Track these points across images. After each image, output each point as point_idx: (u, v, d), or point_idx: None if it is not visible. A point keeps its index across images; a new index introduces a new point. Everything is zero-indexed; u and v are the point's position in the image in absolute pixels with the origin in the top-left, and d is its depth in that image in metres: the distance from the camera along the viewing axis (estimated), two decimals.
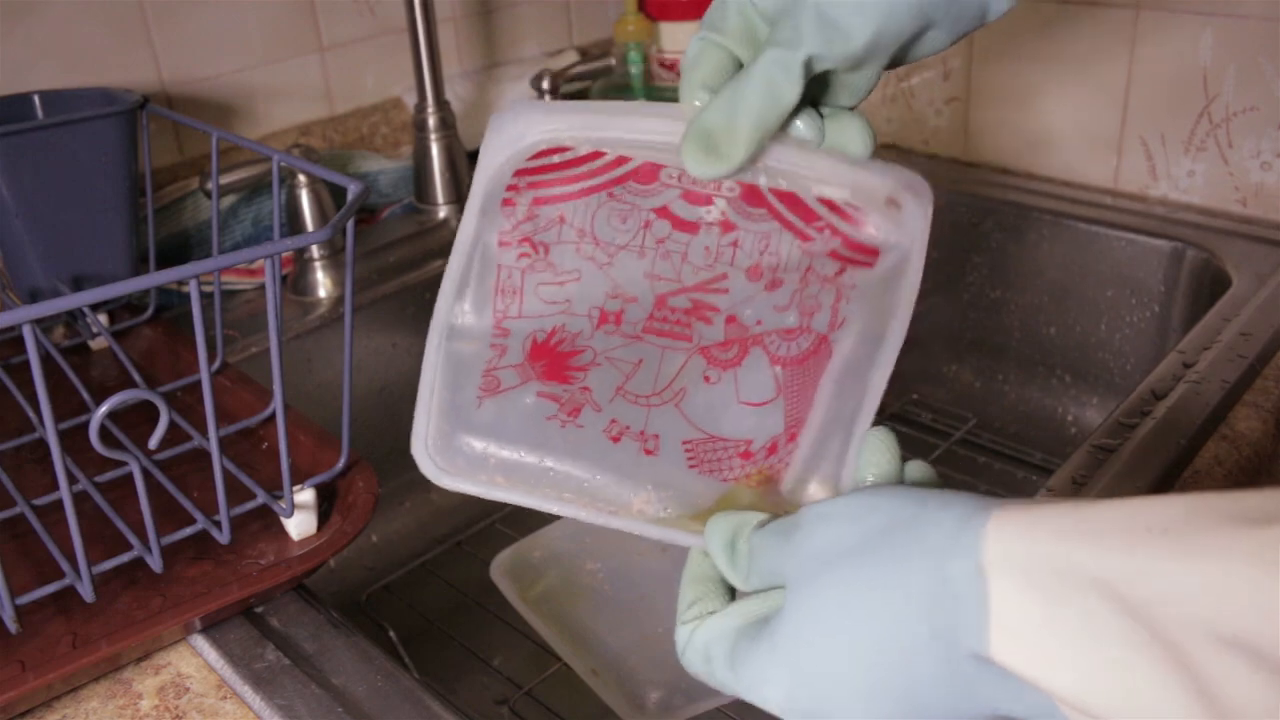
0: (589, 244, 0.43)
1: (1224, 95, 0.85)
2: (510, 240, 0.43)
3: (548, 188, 0.43)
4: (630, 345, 0.43)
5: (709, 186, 0.43)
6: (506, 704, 0.70)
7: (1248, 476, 0.58)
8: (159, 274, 0.43)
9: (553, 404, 0.42)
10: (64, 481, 0.44)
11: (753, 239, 0.43)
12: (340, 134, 0.94)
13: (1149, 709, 0.26)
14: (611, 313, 0.43)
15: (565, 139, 0.42)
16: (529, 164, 0.43)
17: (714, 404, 0.42)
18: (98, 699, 0.47)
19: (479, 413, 0.43)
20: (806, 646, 0.33)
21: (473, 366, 0.43)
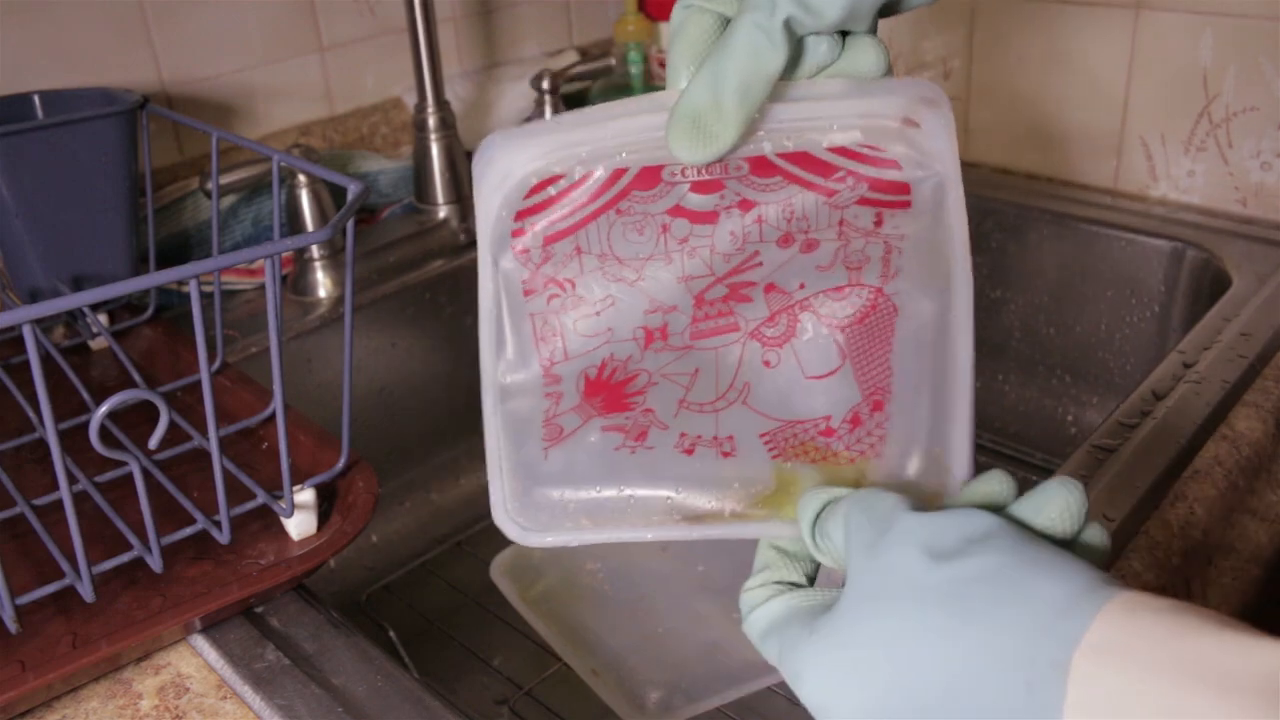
0: (613, 265, 0.42)
1: (1224, 95, 0.85)
2: (535, 286, 0.42)
3: (554, 222, 0.42)
4: (683, 356, 0.42)
5: (714, 171, 0.41)
6: (506, 704, 0.70)
7: (1247, 477, 0.58)
8: (159, 274, 0.43)
9: (619, 434, 0.42)
10: (64, 481, 0.44)
11: (776, 209, 0.41)
12: (340, 134, 0.94)
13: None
14: (655, 329, 0.42)
15: (555, 168, 0.41)
16: (526, 203, 0.41)
17: (781, 388, 0.41)
18: (98, 699, 0.47)
19: (548, 464, 0.42)
20: (850, 664, 0.31)
21: (532, 420, 0.42)
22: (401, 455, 0.87)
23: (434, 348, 0.88)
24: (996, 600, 0.29)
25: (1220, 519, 0.55)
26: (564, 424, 0.42)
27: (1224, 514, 0.56)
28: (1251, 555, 0.54)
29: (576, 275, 0.42)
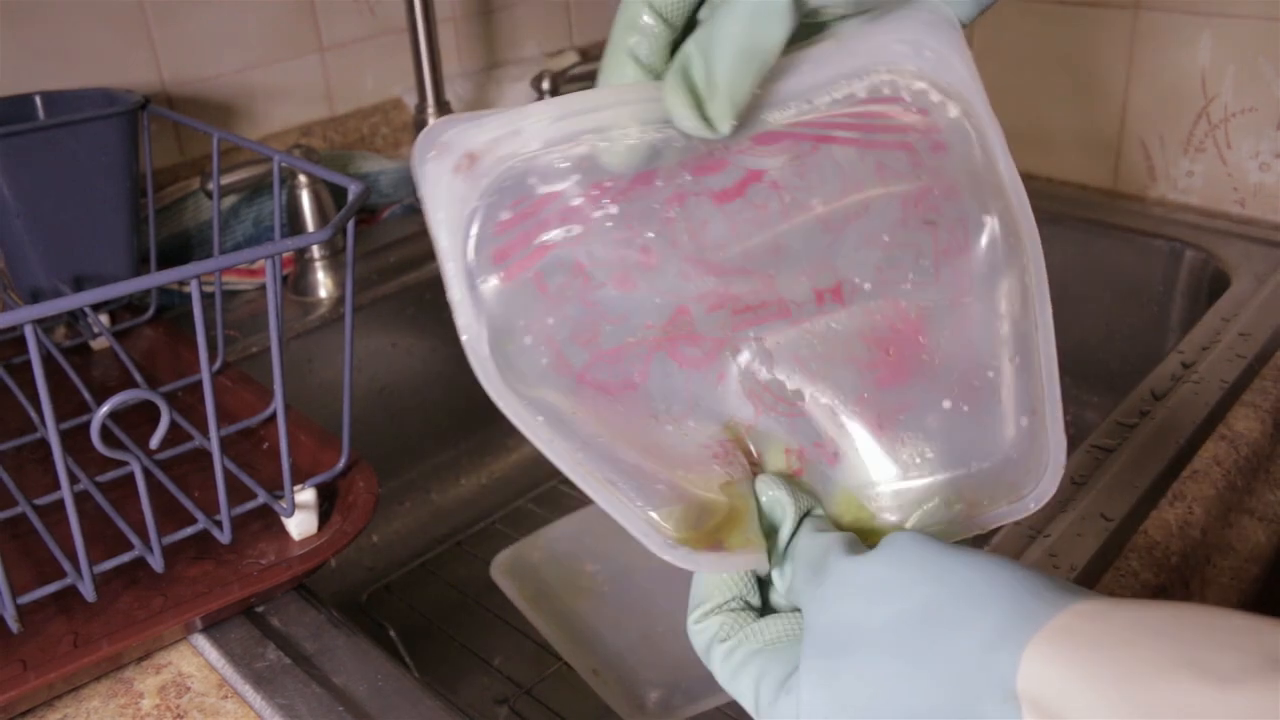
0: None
1: (1222, 96, 0.85)
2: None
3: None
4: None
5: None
6: (506, 704, 0.70)
7: (1246, 477, 0.59)
8: (160, 274, 0.43)
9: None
10: (65, 481, 0.44)
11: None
12: (340, 134, 0.95)
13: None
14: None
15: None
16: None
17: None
18: (99, 698, 0.47)
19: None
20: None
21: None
22: (401, 455, 0.87)
23: (434, 348, 0.88)
24: (934, 638, 0.29)
25: (1219, 519, 0.55)
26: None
27: (1222, 514, 0.56)
28: (1250, 555, 0.54)
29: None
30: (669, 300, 0.38)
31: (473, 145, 0.36)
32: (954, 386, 0.39)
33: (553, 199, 0.37)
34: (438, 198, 0.36)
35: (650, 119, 0.37)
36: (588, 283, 0.38)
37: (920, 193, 0.37)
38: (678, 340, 0.39)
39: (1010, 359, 0.38)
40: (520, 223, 0.37)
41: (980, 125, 0.37)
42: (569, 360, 0.38)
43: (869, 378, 0.39)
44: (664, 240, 0.38)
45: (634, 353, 0.38)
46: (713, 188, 0.37)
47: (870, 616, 0.30)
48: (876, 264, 0.38)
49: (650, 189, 0.37)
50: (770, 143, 0.36)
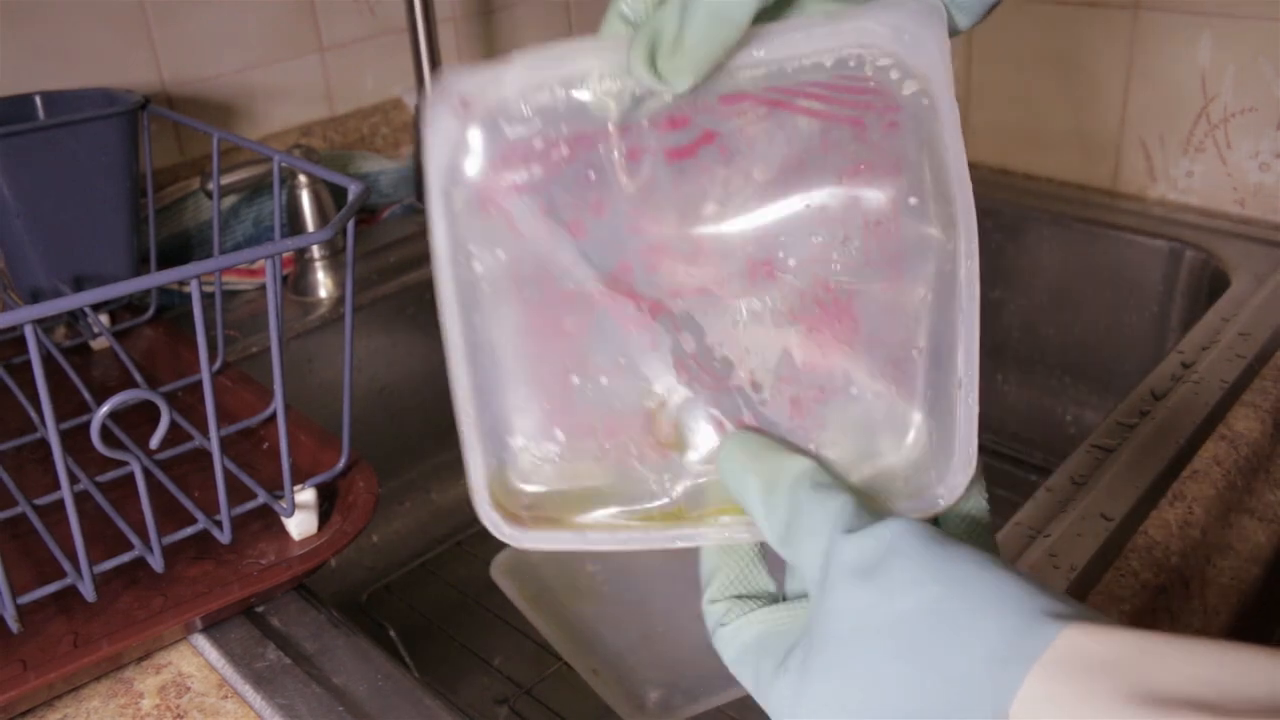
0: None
1: (1222, 96, 0.85)
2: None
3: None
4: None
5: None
6: (506, 704, 0.70)
7: (1246, 477, 0.59)
8: (160, 274, 0.43)
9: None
10: (65, 481, 0.44)
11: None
12: (340, 134, 0.95)
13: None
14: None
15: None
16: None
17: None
18: (99, 698, 0.47)
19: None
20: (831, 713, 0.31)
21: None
22: (401, 455, 0.87)
23: (434, 348, 0.88)
24: (940, 642, 0.29)
25: (1219, 519, 0.55)
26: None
27: (1222, 514, 0.56)
28: (1250, 555, 0.54)
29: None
30: (613, 253, 0.40)
31: (465, 90, 0.39)
32: (868, 374, 0.39)
33: (520, 144, 0.39)
34: (434, 138, 0.39)
35: (618, 71, 0.37)
36: (549, 226, 0.39)
37: (859, 169, 0.38)
38: (618, 297, 0.40)
39: (926, 348, 0.38)
40: (492, 164, 0.39)
41: (937, 106, 0.37)
42: (522, 292, 0.40)
43: (792, 359, 0.39)
44: (611, 190, 0.39)
45: (576, 303, 0.40)
46: (667, 144, 0.38)
47: (875, 611, 0.30)
48: (808, 241, 0.39)
49: (606, 136, 0.38)
50: (732, 103, 0.37)
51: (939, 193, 0.38)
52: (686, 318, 0.40)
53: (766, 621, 0.34)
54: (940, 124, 0.37)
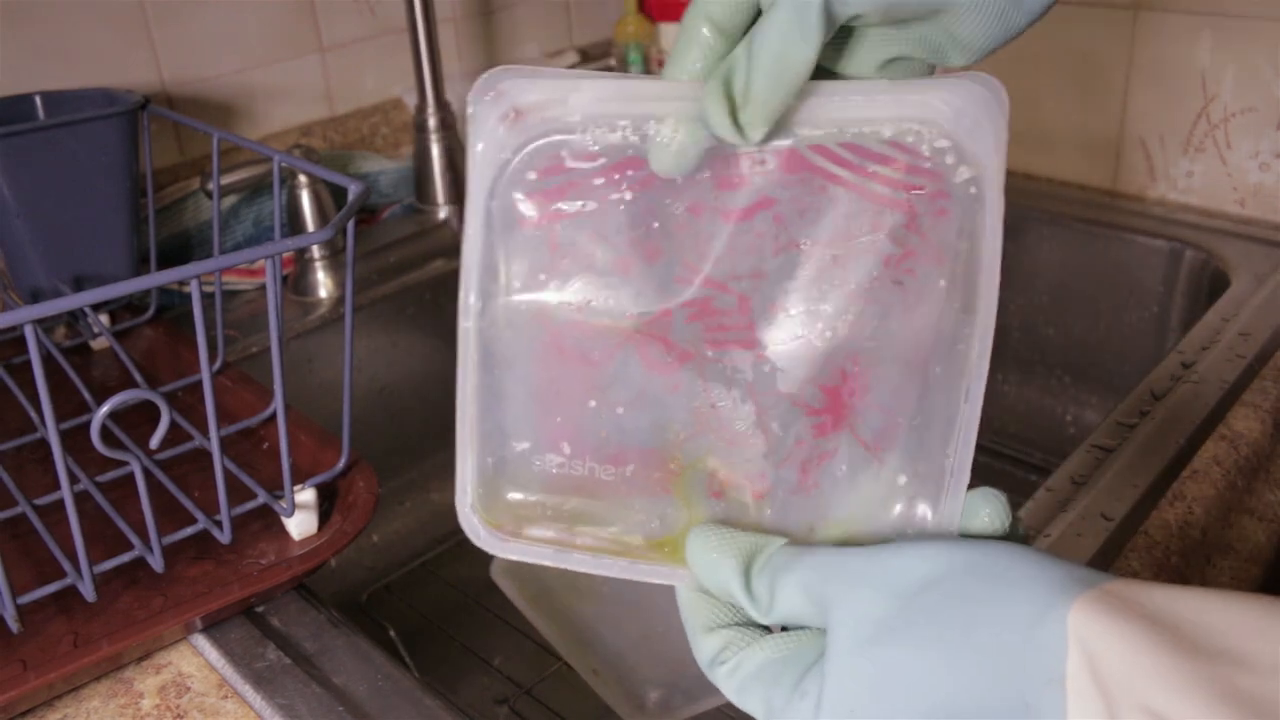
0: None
1: (1222, 96, 0.85)
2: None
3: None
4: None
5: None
6: (506, 704, 0.70)
7: (1246, 477, 0.59)
8: (160, 274, 0.43)
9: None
10: (65, 481, 0.44)
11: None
12: (340, 134, 0.95)
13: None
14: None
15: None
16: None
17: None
18: (99, 698, 0.47)
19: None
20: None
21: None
22: (401, 455, 0.87)
23: (434, 348, 0.88)
24: (974, 623, 0.29)
25: (1219, 519, 0.55)
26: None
27: (1222, 514, 0.56)
28: (1250, 555, 0.54)
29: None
30: (657, 297, 0.40)
31: (522, 101, 0.38)
32: (871, 440, 0.40)
33: (578, 173, 0.39)
34: (481, 137, 0.39)
35: (689, 117, 0.38)
36: (590, 256, 0.40)
37: (904, 256, 0.39)
38: (651, 339, 0.40)
39: (926, 426, 0.39)
40: (542, 184, 0.39)
41: (984, 197, 0.38)
42: (551, 312, 0.41)
43: (809, 424, 0.40)
44: (668, 238, 0.39)
45: (606, 336, 0.40)
46: (726, 205, 0.39)
47: (898, 609, 0.30)
48: (846, 313, 0.40)
49: (670, 186, 0.39)
50: (792, 171, 0.38)
51: (969, 278, 0.39)
52: (716, 370, 0.40)
53: (770, 650, 0.33)
54: (984, 216, 0.38)
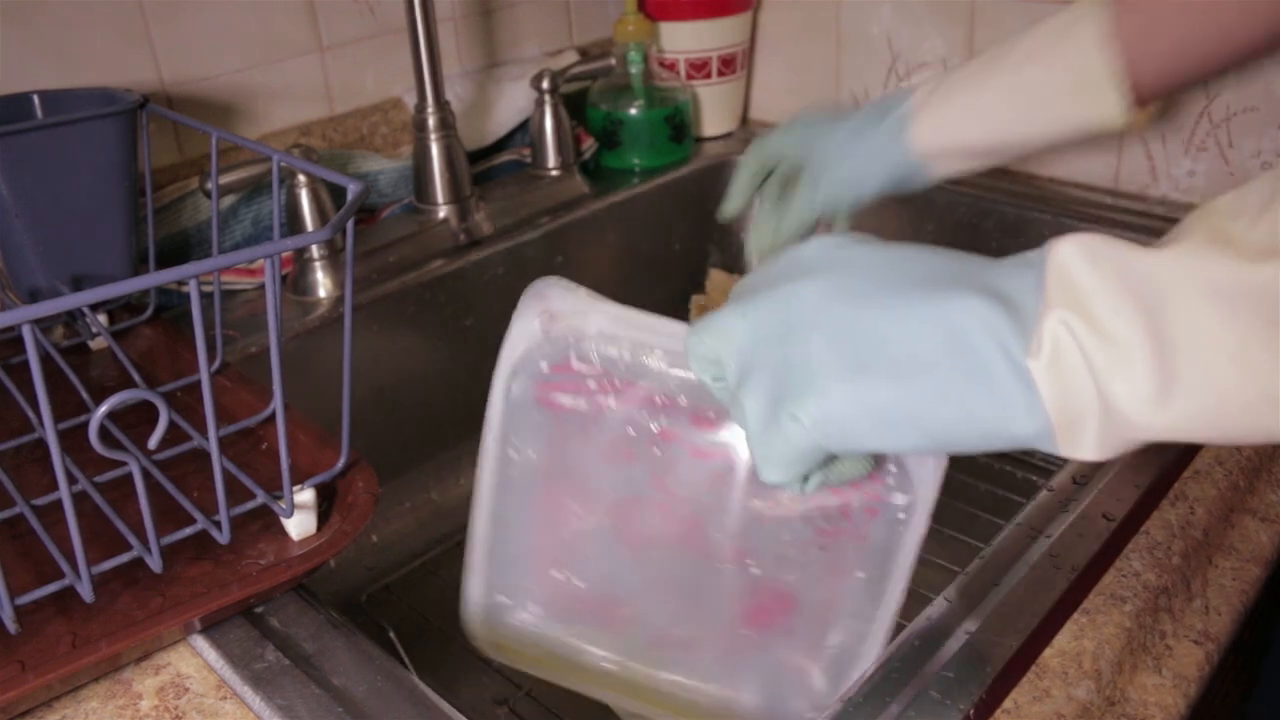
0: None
1: (1224, 95, 0.85)
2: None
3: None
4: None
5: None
6: (506, 704, 0.70)
7: (1247, 477, 0.59)
8: (159, 274, 0.43)
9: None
10: (63, 481, 0.44)
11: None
12: (340, 134, 0.94)
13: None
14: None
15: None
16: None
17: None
18: (97, 699, 0.47)
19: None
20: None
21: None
22: (401, 455, 0.87)
23: (434, 348, 0.88)
24: (924, 259, 0.42)
25: (1220, 519, 0.55)
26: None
27: (1224, 514, 0.56)
28: (1252, 555, 0.54)
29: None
30: (628, 489, 0.49)
31: (556, 308, 0.47)
32: (789, 641, 0.49)
33: (578, 375, 0.48)
34: (519, 327, 0.48)
35: (673, 351, 0.46)
36: (582, 442, 0.49)
37: (833, 532, 0.47)
38: (619, 522, 0.50)
39: (828, 664, 0.48)
40: (551, 376, 0.48)
41: (912, 523, 0.45)
42: (540, 484, 0.51)
43: (735, 618, 0.49)
44: (640, 447, 0.48)
45: (581, 510, 0.50)
46: (695, 440, 0.47)
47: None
48: (776, 556, 0.48)
49: (650, 406, 0.47)
50: None
51: (881, 567, 0.47)
52: (669, 558, 0.49)
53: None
54: (908, 535, 0.46)
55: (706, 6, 1.05)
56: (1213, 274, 0.33)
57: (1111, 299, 0.34)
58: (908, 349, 0.37)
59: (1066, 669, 0.45)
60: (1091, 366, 0.34)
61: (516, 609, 0.53)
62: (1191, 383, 0.33)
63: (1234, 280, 0.33)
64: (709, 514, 0.48)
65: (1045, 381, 0.35)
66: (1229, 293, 0.33)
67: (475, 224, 0.92)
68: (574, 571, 0.51)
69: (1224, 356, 0.33)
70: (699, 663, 0.51)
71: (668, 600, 0.50)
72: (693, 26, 1.06)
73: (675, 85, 1.05)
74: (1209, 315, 0.33)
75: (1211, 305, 0.33)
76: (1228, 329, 0.33)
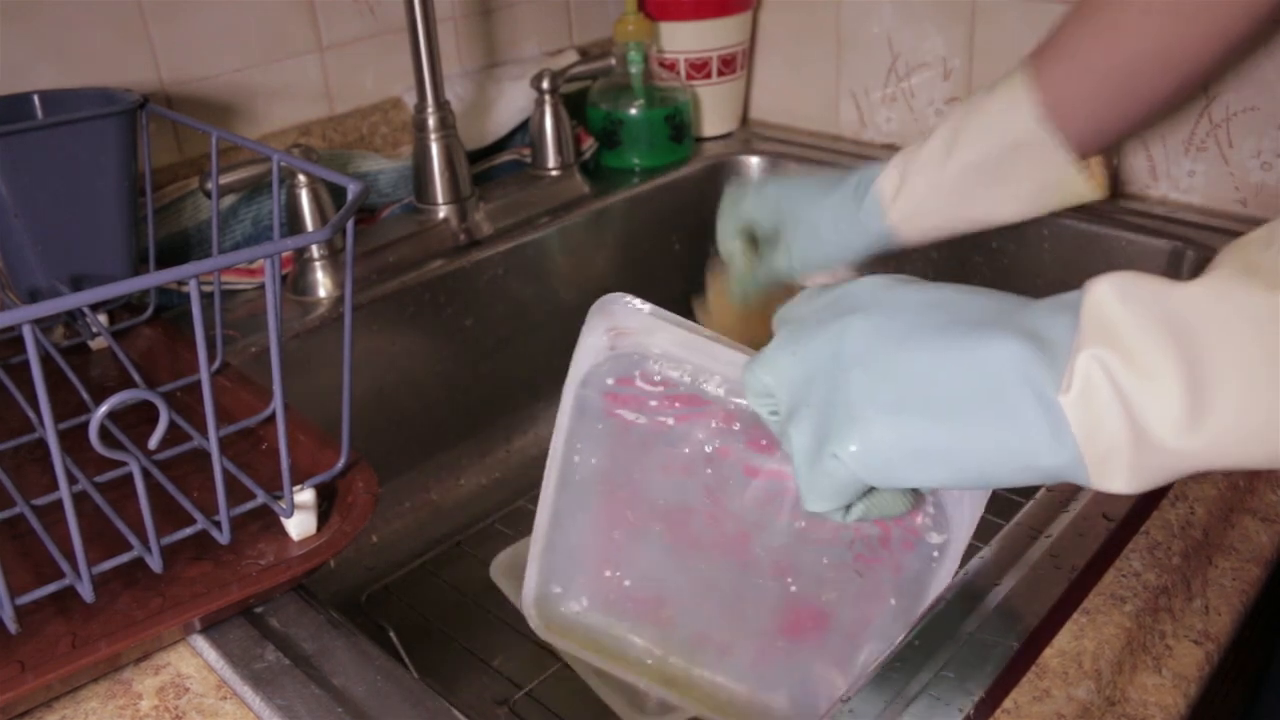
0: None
1: (1224, 95, 0.85)
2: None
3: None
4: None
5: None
6: (506, 704, 0.70)
7: (1247, 477, 0.59)
8: (159, 274, 0.43)
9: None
10: (64, 481, 0.44)
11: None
12: (340, 134, 0.94)
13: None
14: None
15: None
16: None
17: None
18: (97, 699, 0.47)
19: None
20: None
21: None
22: (401, 455, 0.87)
23: (434, 348, 0.88)
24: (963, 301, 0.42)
25: (1220, 519, 0.55)
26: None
27: (1224, 514, 0.56)
28: (1252, 555, 0.54)
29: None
30: (683, 499, 0.51)
31: (624, 324, 0.49)
32: (821, 651, 0.51)
33: (641, 391, 0.50)
34: (588, 341, 0.50)
35: (730, 380, 0.48)
36: (641, 453, 0.51)
37: (870, 558, 0.49)
38: (671, 529, 0.52)
39: (857, 678, 0.49)
40: (616, 389, 0.50)
41: (947, 558, 0.48)
42: (600, 489, 0.53)
43: (772, 624, 0.51)
44: (696, 464, 0.50)
45: (635, 517, 0.52)
46: (749, 460, 0.49)
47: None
48: (816, 576, 0.50)
49: (705, 425, 0.49)
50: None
51: (913, 597, 0.49)
52: (714, 567, 0.51)
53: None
54: (942, 568, 0.48)
55: (706, 6, 1.05)
56: (1241, 300, 0.34)
57: (1142, 331, 0.35)
58: (944, 389, 0.38)
59: (1066, 669, 0.45)
60: (1123, 398, 0.35)
61: (568, 598, 0.56)
62: (1224, 407, 0.34)
63: (1261, 306, 0.34)
64: (755, 530, 0.50)
65: (1075, 415, 0.36)
66: (1258, 318, 0.34)
67: (475, 224, 0.92)
68: (624, 571, 0.54)
69: (1255, 380, 0.34)
70: (734, 665, 0.53)
71: (709, 604, 0.52)
72: (693, 26, 1.06)
73: (675, 85, 1.05)
74: (1239, 340, 0.34)
75: (1241, 330, 0.34)
76: (1258, 353, 0.34)
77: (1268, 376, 0.33)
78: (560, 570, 0.56)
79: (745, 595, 0.51)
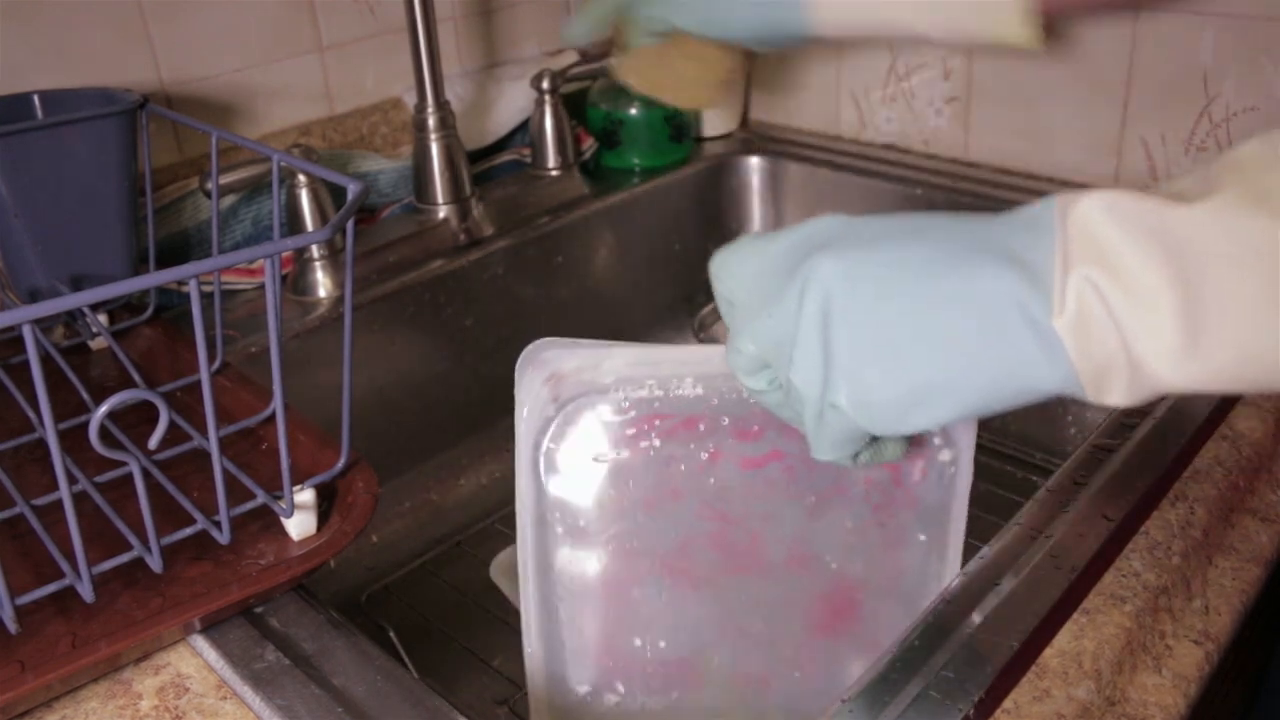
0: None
1: (1224, 95, 0.85)
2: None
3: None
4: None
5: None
6: (506, 704, 0.70)
7: (1248, 477, 0.59)
8: (159, 274, 0.43)
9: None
10: (64, 481, 0.44)
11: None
12: (340, 134, 0.94)
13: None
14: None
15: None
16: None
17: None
18: (97, 699, 0.47)
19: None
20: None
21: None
22: (401, 455, 0.87)
23: (434, 348, 0.88)
24: (948, 226, 0.42)
25: (1220, 519, 0.55)
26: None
27: (1224, 514, 0.56)
28: (1252, 555, 0.54)
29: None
30: (681, 530, 0.47)
31: (560, 369, 0.45)
32: (855, 647, 0.50)
33: (612, 426, 0.46)
34: (525, 399, 0.45)
35: (704, 375, 0.45)
36: (622, 499, 0.47)
37: (888, 504, 0.47)
38: (677, 569, 0.48)
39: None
40: (580, 441, 0.45)
41: (960, 469, 0.47)
42: (594, 557, 0.48)
43: (806, 630, 0.49)
44: (691, 479, 0.46)
45: (641, 570, 0.47)
46: (744, 454, 0.46)
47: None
48: (841, 545, 0.48)
49: (693, 434, 0.46)
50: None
51: (935, 531, 0.48)
52: (730, 590, 0.48)
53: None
54: (959, 481, 0.48)
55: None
56: (1249, 231, 0.33)
57: (1135, 248, 0.34)
58: (935, 326, 0.37)
59: (1066, 669, 0.45)
60: (1117, 321, 0.34)
61: (604, 692, 0.50)
62: (1221, 337, 0.33)
63: (1270, 239, 0.33)
64: (766, 526, 0.48)
65: (1070, 339, 0.35)
66: (1265, 251, 0.33)
67: (475, 224, 0.92)
68: (649, 634, 0.49)
69: (1255, 311, 0.33)
70: (774, 696, 0.50)
71: (736, 636, 0.49)
72: None
73: None
74: (1243, 272, 0.33)
75: (1246, 262, 0.33)
76: (1261, 284, 0.33)
77: (1269, 307, 0.33)
78: (574, 661, 0.50)
79: (771, 611, 0.48)
